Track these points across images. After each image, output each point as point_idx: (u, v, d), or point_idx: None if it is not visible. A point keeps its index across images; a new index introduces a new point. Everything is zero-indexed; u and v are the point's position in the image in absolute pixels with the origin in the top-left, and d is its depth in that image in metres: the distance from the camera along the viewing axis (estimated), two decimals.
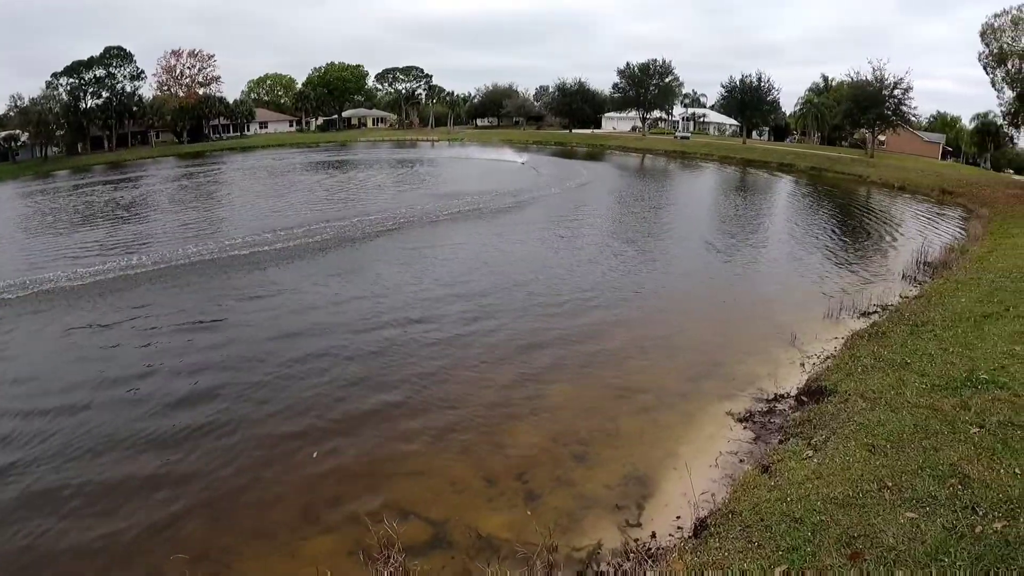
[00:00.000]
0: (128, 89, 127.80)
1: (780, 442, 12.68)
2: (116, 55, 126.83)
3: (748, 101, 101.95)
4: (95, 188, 73.40)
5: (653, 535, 10.62)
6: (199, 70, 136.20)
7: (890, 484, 9.19)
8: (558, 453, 13.50)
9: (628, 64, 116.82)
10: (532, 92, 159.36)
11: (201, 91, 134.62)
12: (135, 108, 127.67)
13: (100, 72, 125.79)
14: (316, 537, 11.18)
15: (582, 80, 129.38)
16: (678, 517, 10.82)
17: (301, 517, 11.76)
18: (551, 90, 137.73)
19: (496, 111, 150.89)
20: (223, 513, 11.99)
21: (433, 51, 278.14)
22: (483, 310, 22.73)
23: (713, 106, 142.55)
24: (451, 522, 11.27)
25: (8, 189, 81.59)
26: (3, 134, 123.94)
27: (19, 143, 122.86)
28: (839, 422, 12.20)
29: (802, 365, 17.53)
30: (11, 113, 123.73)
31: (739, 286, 26.85)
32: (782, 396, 15.51)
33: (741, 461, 12.62)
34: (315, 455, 13.58)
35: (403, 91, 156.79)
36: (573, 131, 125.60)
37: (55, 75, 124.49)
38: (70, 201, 63.64)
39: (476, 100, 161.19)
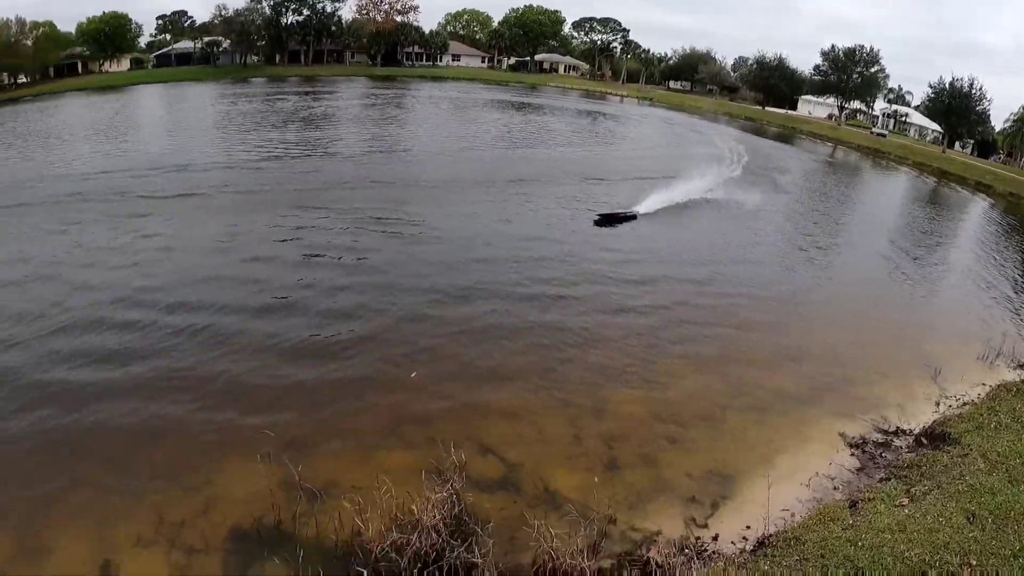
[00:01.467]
0: (328, 10, 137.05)
1: (880, 480, 12.38)
2: None
3: (956, 108, 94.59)
4: (288, 96, 79.55)
5: (715, 538, 10.94)
6: None
7: (973, 562, 8.76)
8: (653, 430, 13.87)
9: (833, 47, 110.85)
10: (730, 62, 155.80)
11: (398, 19, 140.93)
12: (333, 28, 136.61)
13: None
14: (395, 449, 12.65)
15: (782, 57, 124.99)
16: (747, 527, 11.03)
17: (387, 429, 13.28)
18: (749, 63, 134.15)
19: (690, 76, 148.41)
20: (318, 410, 13.97)
21: (631, 3, 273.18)
22: (639, 287, 22.47)
23: (917, 106, 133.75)
24: (525, 468, 12.07)
25: (209, 89, 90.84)
26: (207, 39, 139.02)
27: (220, 49, 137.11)
28: (949, 477, 11.64)
29: (936, 404, 16.67)
30: (215, 21, 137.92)
31: (897, 304, 25.43)
32: (903, 431, 14.95)
33: (835, 488, 12.49)
34: (414, 375, 14.93)
35: (598, 42, 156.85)
36: (766, 108, 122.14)
37: None
38: (264, 106, 69.75)
39: (672, 61, 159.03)
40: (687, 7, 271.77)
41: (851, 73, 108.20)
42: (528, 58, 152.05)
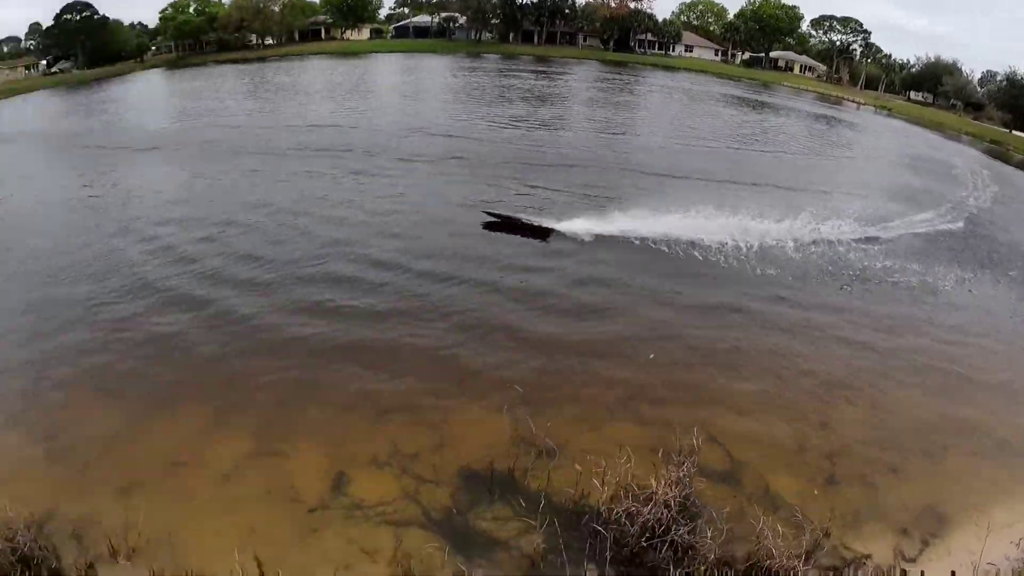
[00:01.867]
0: None
1: None
2: None
3: None
4: (519, 74, 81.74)
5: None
6: None
7: None
8: (874, 454, 13.66)
9: None
10: (977, 76, 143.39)
11: (632, 5, 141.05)
12: (567, 11, 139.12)
13: None
14: (628, 424, 13.30)
15: None
16: (952, 573, 10.65)
17: (622, 404, 13.97)
18: (999, 78, 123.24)
19: (932, 87, 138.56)
20: (559, 374, 15.06)
21: (872, 3, 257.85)
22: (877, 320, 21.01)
23: None
24: (749, 466, 12.39)
25: (444, 62, 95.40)
26: (444, 15, 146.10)
27: (456, 24, 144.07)
28: None
29: None
30: None
31: None
32: None
33: None
34: (652, 356, 15.53)
35: (837, 43, 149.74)
36: (1013, 132, 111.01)
37: None
38: (497, 81, 71.81)
39: (914, 70, 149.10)
40: (933, 9, 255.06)
41: None
42: (762, 54, 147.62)
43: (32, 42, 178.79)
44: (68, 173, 37.70)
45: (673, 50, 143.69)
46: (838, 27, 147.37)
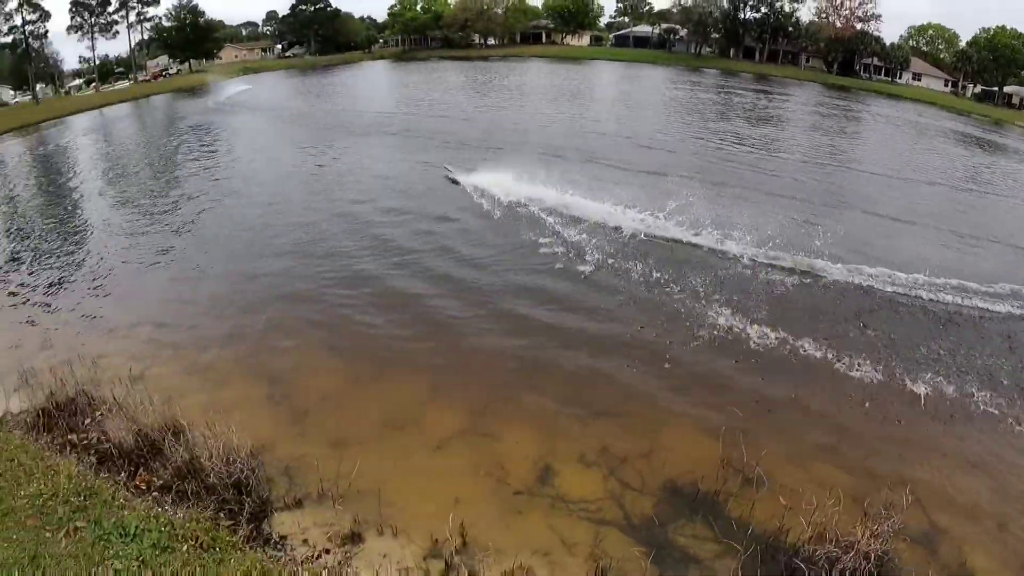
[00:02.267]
0: (787, 9, 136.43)
1: None
2: None
3: None
4: (740, 92, 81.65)
5: None
6: (859, 4, 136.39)
7: None
8: None
9: None
10: None
11: (858, 26, 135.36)
12: (790, 29, 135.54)
13: None
14: (835, 468, 13.37)
15: None
16: None
17: (832, 447, 14.12)
18: None
19: None
20: (771, 404, 15.49)
21: None
22: None
23: None
24: (948, 535, 12.10)
25: (663, 73, 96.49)
26: (664, 26, 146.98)
27: (677, 36, 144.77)
28: None
29: None
30: (674, 9, 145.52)
31: None
32: None
33: None
34: (867, 405, 15.49)
35: None
36: None
37: None
38: (718, 97, 72.21)
39: None
40: None
41: None
42: (995, 88, 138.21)
43: (268, 28, 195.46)
44: (300, 146, 42.46)
45: (900, 77, 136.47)
46: None
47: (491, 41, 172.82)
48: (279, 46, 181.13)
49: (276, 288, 22.13)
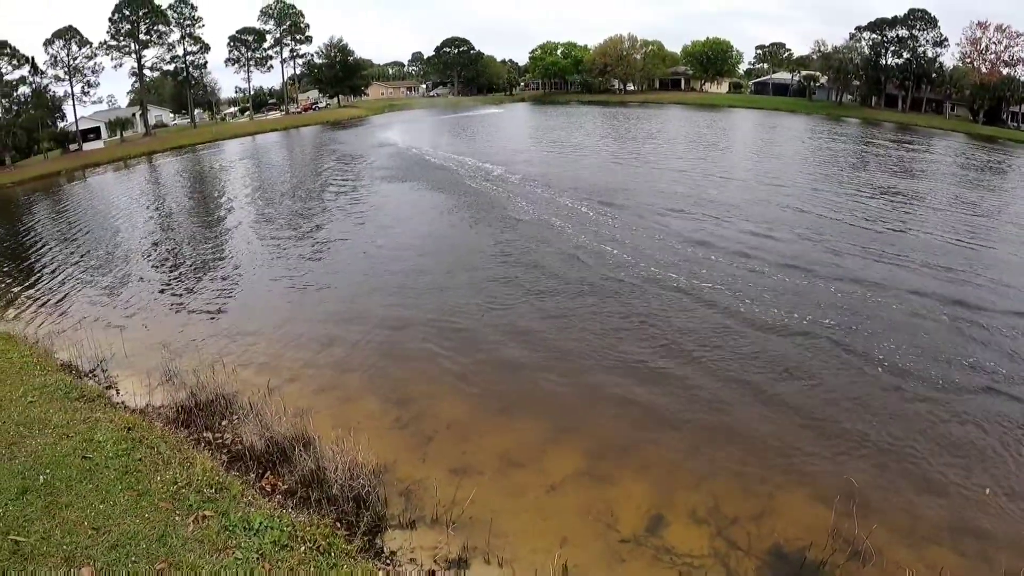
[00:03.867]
0: (929, 54, 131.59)
1: None
2: (920, 18, 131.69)
3: None
4: (882, 143, 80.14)
5: None
6: (1005, 47, 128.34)
7: None
8: None
9: None
10: None
11: (1005, 71, 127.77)
12: (934, 75, 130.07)
13: (902, 32, 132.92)
14: (950, 551, 12.74)
15: None
16: None
17: (950, 527, 13.45)
18: None
19: None
20: (896, 481, 14.82)
21: None
22: None
23: None
24: None
25: (802, 122, 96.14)
26: (804, 73, 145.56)
27: (817, 84, 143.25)
28: None
29: None
30: (814, 56, 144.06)
31: None
32: None
33: None
34: (988, 491, 14.50)
35: None
36: None
37: (858, 28, 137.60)
38: (855, 148, 72.63)
39: None
40: None
41: None
42: None
43: (414, 68, 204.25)
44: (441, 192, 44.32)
45: None
46: None
47: (630, 87, 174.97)
48: (424, 85, 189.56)
49: (412, 319, 23.44)
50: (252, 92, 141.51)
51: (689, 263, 29.02)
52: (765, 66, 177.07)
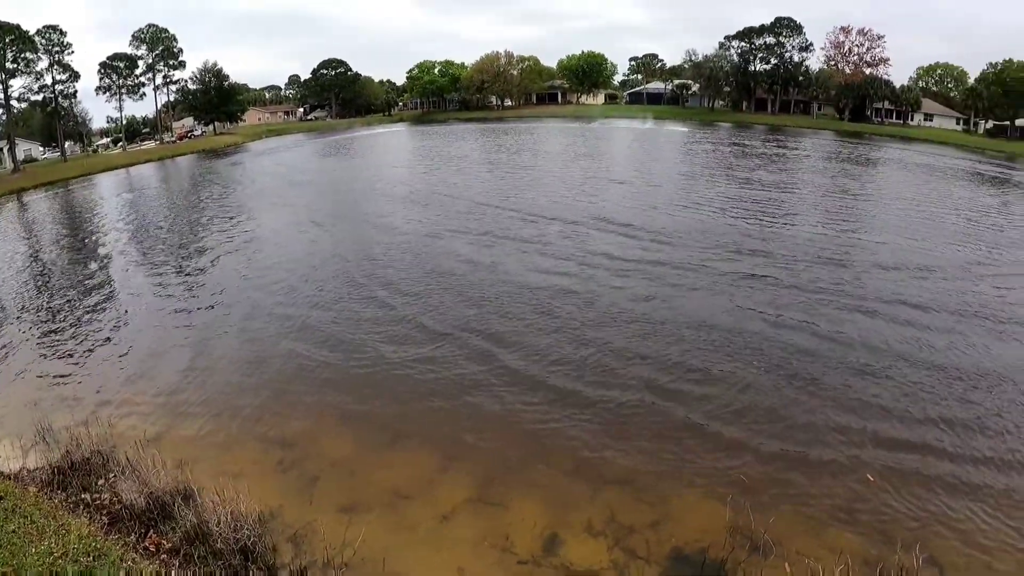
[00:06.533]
0: (796, 59, 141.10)
1: None
2: (786, 25, 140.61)
3: None
4: (753, 144, 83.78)
5: None
6: (867, 49, 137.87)
7: None
8: None
9: None
10: None
11: (867, 71, 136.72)
12: (800, 78, 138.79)
13: (770, 40, 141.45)
14: (848, 532, 13.00)
15: None
16: None
17: (844, 509, 13.69)
18: None
19: None
20: (781, 471, 14.95)
21: None
22: None
23: None
24: None
25: (678, 128, 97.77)
26: (677, 82, 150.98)
27: (689, 92, 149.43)
28: None
29: None
30: (686, 65, 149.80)
31: None
32: None
33: None
34: (871, 479, 14.83)
35: None
36: None
37: (728, 37, 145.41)
38: (726, 150, 75.24)
39: None
40: None
41: None
42: (1008, 122, 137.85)
43: (291, 91, 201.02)
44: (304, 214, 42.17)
45: (912, 119, 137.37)
46: None
47: (508, 102, 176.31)
48: (301, 109, 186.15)
49: (289, 354, 22.38)
50: (125, 121, 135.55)
51: (569, 277, 29.00)
52: (639, 77, 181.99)
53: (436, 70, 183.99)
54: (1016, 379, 19.81)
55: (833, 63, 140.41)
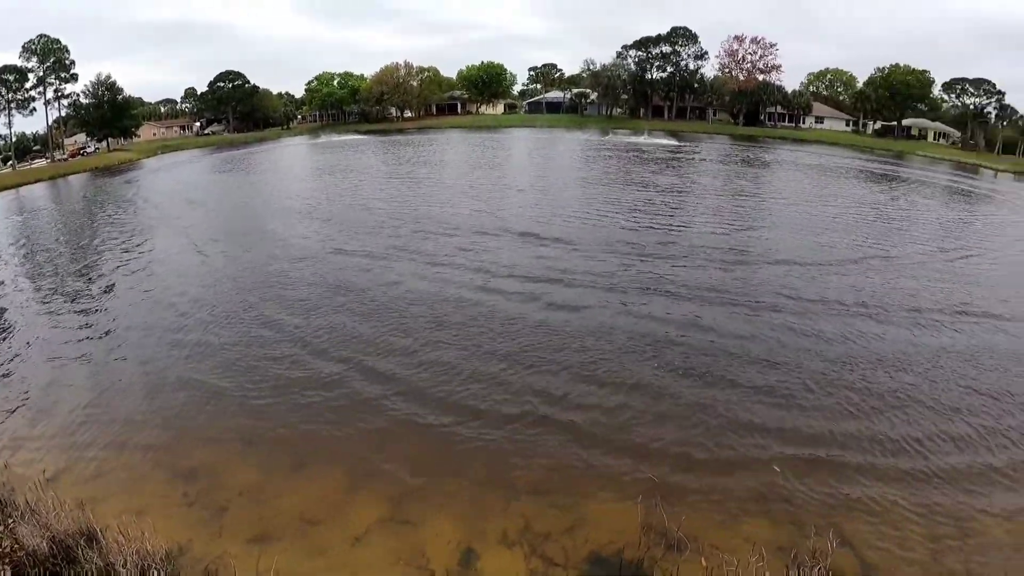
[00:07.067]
0: (691, 67, 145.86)
1: None
2: (682, 35, 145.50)
3: None
4: (650, 151, 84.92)
5: None
6: (760, 56, 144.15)
7: None
8: (1015, 567, 12.66)
9: None
10: None
11: (760, 77, 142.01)
12: (696, 85, 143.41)
13: (666, 48, 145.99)
14: (760, 521, 13.24)
15: None
16: None
17: (755, 500, 13.94)
18: None
19: None
20: (695, 468, 15.15)
21: (1006, 62, 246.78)
22: None
23: None
24: (878, 573, 12.00)
25: (578, 136, 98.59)
26: (576, 91, 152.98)
27: (588, 100, 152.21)
28: None
29: None
30: (583, 74, 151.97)
31: None
32: None
33: None
34: (777, 469, 15.11)
35: (971, 106, 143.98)
36: None
37: (625, 47, 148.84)
38: (628, 157, 74.94)
39: None
40: None
41: None
42: (895, 123, 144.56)
43: (187, 105, 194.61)
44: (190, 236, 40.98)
45: (803, 122, 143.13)
46: (971, 90, 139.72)
47: (407, 113, 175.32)
48: (197, 123, 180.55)
49: (187, 382, 21.27)
50: (14, 139, 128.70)
51: (471, 289, 28.75)
52: (538, 86, 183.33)
53: (335, 82, 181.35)
54: (910, 364, 20.78)
55: (727, 70, 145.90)
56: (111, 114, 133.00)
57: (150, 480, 15.77)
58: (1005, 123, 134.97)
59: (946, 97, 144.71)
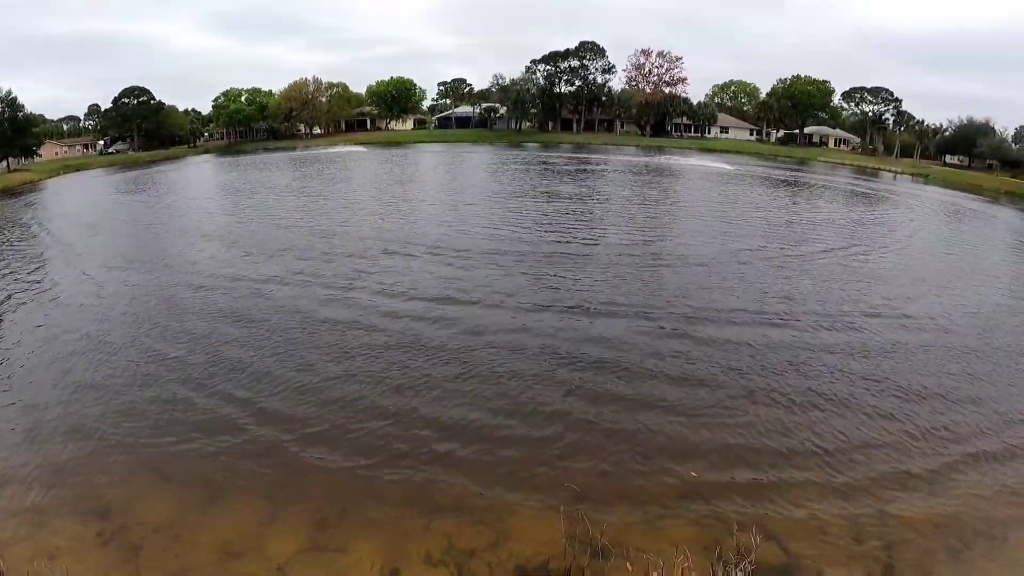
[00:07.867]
0: (599, 80, 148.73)
1: None
2: (590, 49, 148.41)
3: None
4: (556, 163, 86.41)
5: None
6: (666, 70, 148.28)
7: None
8: (933, 542, 13.13)
9: None
10: (1011, 133, 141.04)
11: (667, 90, 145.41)
12: (604, 98, 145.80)
13: (574, 63, 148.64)
14: (684, 522, 13.30)
15: None
16: None
17: (678, 501, 13.98)
18: None
19: (968, 149, 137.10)
20: (614, 469, 15.32)
21: (902, 72, 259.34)
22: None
23: None
24: (805, 560, 12.18)
25: (484, 152, 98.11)
26: (485, 105, 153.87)
27: (497, 115, 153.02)
28: None
29: None
30: (493, 89, 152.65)
31: None
32: None
33: None
34: (695, 475, 15.17)
35: (869, 113, 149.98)
36: None
37: (534, 61, 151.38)
38: (530, 170, 75.62)
39: (948, 134, 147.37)
40: (965, 71, 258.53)
41: None
42: (797, 131, 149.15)
43: (91, 122, 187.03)
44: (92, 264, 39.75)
45: (709, 132, 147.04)
46: (869, 98, 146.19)
47: (317, 130, 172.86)
48: (101, 142, 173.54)
49: (95, 416, 19.85)
50: None
51: (378, 313, 28.63)
52: (448, 101, 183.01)
53: (243, 98, 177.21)
54: (819, 359, 21.60)
55: (635, 83, 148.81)
56: (11, 132, 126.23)
57: (61, 520, 14.89)
58: (902, 128, 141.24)
59: (846, 105, 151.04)
